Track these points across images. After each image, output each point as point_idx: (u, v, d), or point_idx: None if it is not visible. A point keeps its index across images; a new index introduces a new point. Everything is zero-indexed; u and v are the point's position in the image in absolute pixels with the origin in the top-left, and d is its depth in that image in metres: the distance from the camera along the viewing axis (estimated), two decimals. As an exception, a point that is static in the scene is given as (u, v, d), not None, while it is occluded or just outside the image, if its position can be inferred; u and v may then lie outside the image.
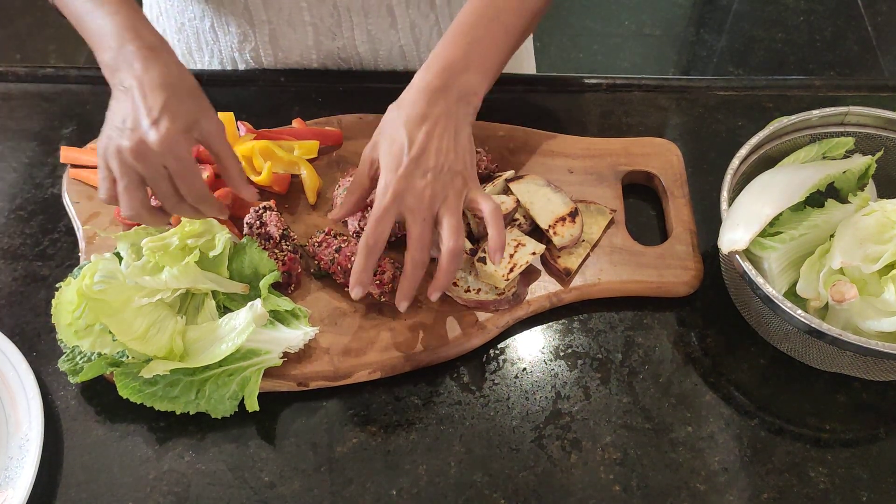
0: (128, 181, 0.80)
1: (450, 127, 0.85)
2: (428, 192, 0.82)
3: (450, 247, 0.82)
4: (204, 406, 0.83)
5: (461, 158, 0.85)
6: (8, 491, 0.78)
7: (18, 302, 0.93)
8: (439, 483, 0.81)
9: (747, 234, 0.82)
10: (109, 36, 0.83)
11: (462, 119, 0.87)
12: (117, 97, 0.83)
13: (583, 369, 0.89)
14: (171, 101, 0.80)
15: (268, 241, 0.89)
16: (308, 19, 1.07)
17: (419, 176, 0.83)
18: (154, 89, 0.80)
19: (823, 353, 0.83)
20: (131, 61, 0.82)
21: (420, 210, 0.82)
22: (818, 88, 1.13)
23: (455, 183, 0.84)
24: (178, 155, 0.79)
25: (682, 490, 0.81)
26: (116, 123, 0.81)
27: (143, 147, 0.78)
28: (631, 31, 2.68)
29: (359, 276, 0.84)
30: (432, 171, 0.83)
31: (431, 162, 0.83)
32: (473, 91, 0.88)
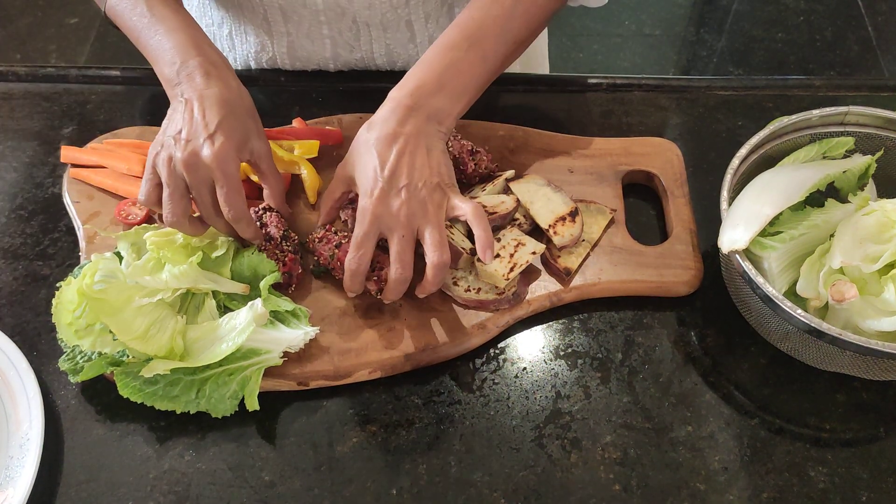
0: (174, 189, 0.83)
1: (420, 144, 0.86)
2: (404, 210, 0.83)
3: (434, 261, 0.83)
4: (204, 405, 0.83)
5: (436, 171, 0.86)
6: (8, 490, 0.78)
7: (19, 301, 0.93)
8: (439, 482, 0.81)
9: (747, 234, 0.82)
10: (172, 51, 0.87)
11: (433, 136, 0.87)
12: (176, 108, 0.85)
13: (583, 369, 0.89)
14: (229, 118, 0.84)
15: (269, 241, 0.89)
16: (326, 32, 1.08)
17: (394, 196, 0.84)
18: (213, 105, 0.83)
19: (823, 353, 0.83)
20: (194, 75, 0.85)
21: (398, 228, 0.83)
22: (818, 88, 1.13)
23: (434, 197, 0.85)
24: (227, 171, 0.82)
25: (682, 489, 0.81)
26: (172, 133, 0.84)
27: (195, 159, 0.82)
28: (631, 31, 2.68)
29: (351, 286, 0.87)
30: (406, 189, 0.84)
31: (404, 180, 0.84)
32: (445, 113, 0.89)
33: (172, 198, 0.83)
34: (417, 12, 1.07)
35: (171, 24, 0.89)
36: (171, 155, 0.83)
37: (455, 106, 0.90)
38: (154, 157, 0.85)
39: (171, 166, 0.83)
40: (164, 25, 0.89)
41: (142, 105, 1.12)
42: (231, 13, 1.10)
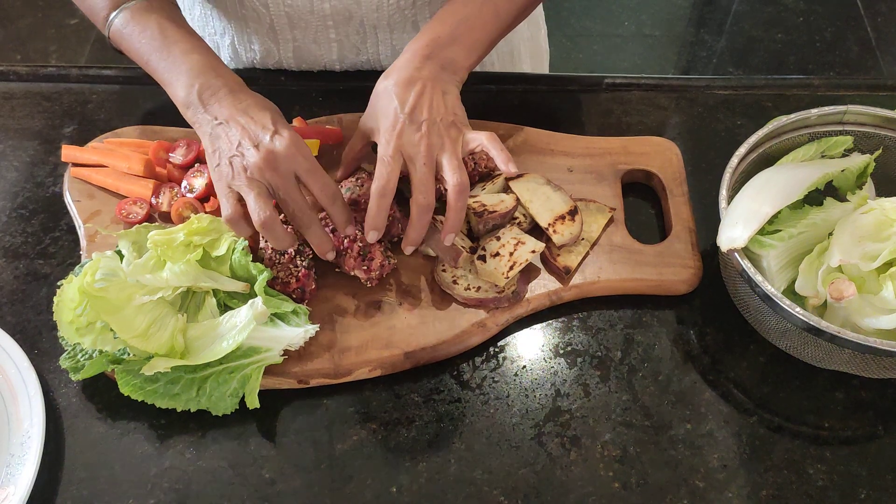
0: (258, 191, 0.82)
1: (437, 88, 0.90)
2: (425, 141, 0.87)
3: (454, 182, 0.86)
4: (205, 403, 0.83)
5: (451, 111, 0.90)
6: (9, 488, 0.78)
7: (20, 300, 0.94)
8: (439, 480, 0.82)
9: (746, 233, 0.82)
10: (189, 73, 0.87)
11: (448, 82, 0.91)
12: (217, 133, 0.85)
13: (582, 367, 0.89)
14: (277, 117, 0.86)
15: (282, 255, 0.89)
16: (334, 37, 1.08)
17: (415, 129, 0.87)
18: (258, 111, 0.85)
19: (822, 351, 0.84)
20: (220, 96, 0.86)
21: (419, 157, 0.86)
22: (817, 88, 1.13)
23: (450, 132, 0.89)
24: (306, 154, 0.84)
25: (682, 487, 0.81)
26: (230, 152, 0.83)
27: (271, 157, 0.82)
28: (631, 32, 2.69)
29: (373, 221, 0.87)
30: (426, 123, 0.87)
31: (424, 115, 0.88)
32: (459, 64, 0.93)
33: (260, 196, 0.82)
34: (423, 13, 1.07)
35: (185, 46, 0.89)
36: (244, 164, 0.82)
37: (468, 58, 0.93)
38: (223, 179, 0.84)
39: (247, 174, 0.82)
40: (178, 48, 0.89)
41: (142, 104, 1.12)
42: (234, 23, 1.10)
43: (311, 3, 1.03)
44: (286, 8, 1.03)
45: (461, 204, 0.87)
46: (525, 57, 1.26)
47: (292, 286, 0.88)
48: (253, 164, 0.82)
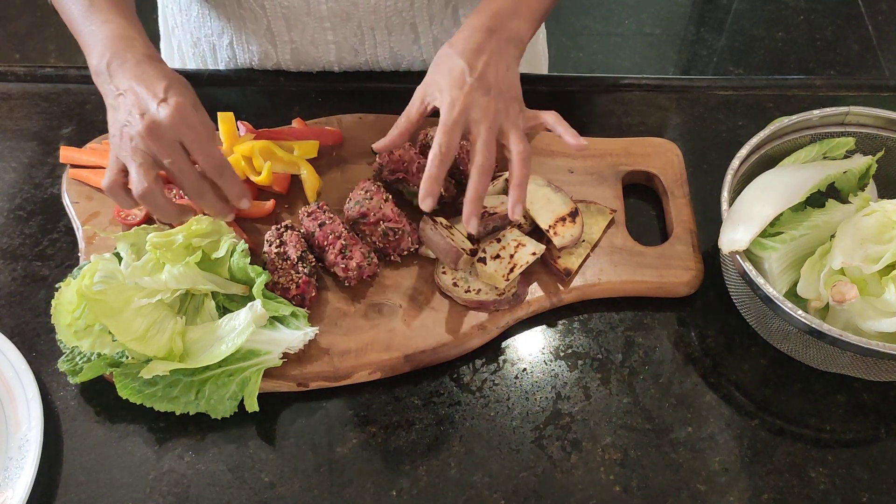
0: (141, 160, 0.80)
1: (502, 61, 0.89)
2: (492, 105, 0.86)
3: (520, 150, 0.86)
4: (204, 406, 0.82)
5: (514, 87, 0.90)
6: (7, 491, 0.78)
7: (18, 302, 0.93)
8: (439, 483, 0.81)
9: (748, 235, 0.82)
10: (102, 42, 0.85)
11: (511, 57, 0.91)
12: (115, 105, 0.83)
13: (583, 370, 0.88)
14: (174, 83, 0.82)
15: (285, 260, 0.89)
16: (331, 38, 1.08)
17: (483, 93, 0.86)
18: (154, 79, 0.82)
19: (824, 354, 0.83)
20: (126, 68, 0.83)
21: (486, 119, 0.86)
22: (819, 88, 1.13)
23: (514, 105, 0.89)
24: (192, 124, 0.80)
25: (683, 490, 0.81)
26: (122, 122, 0.82)
27: (154, 126, 0.79)
28: (631, 31, 2.68)
29: (429, 186, 0.85)
30: (494, 89, 0.87)
31: (492, 81, 0.87)
32: (520, 36, 0.92)
33: (142, 167, 0.80)
34: (422, 14, 1.07)
35: (106, 15, 0.87)
36: (131, 134, 0.81)
37: (529, 29, 0.93)
38: (115, 150, 0.83)
39: (133, 143, 0.80)
40: (99, 16, 0.87)
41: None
42: (232, 23, 1.09)
43: (308, 4, 1.02)
44: (283, 9, 1.03)
45: (525, 171, 0.86)
46: (525, 57, 1.25)
47: (292, 292, 0.87)
48: (137, 133, 0.80)
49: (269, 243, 0.91)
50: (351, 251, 0.90)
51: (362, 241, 0.93)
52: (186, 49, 1.19)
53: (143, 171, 0.80)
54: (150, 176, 0.80)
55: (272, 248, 0.90)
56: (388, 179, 0.98)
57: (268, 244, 0.91)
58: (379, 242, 0.92)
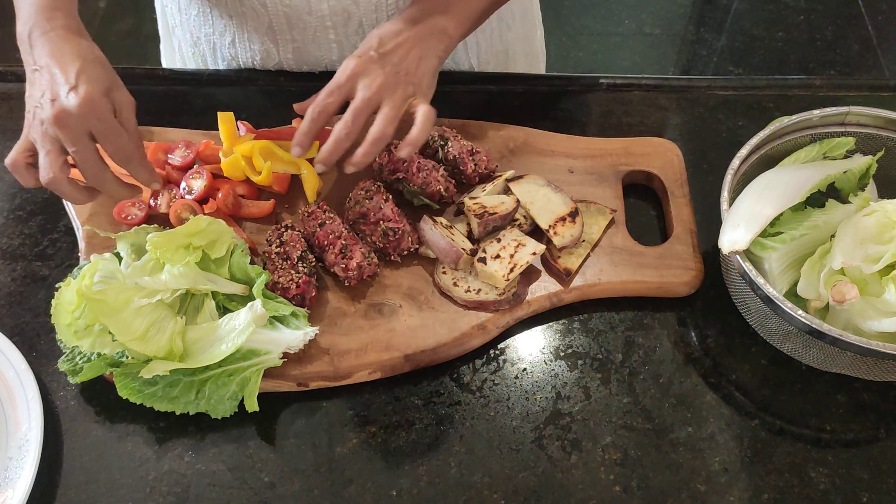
0: (49, 147, 0.81)
1: (417, 49, 0.90)
2: (380, 80, 0.87)
3: (376, 130, 0.86)
4: (204, 406, 0.82)
5: (419, 74, 0.90)
6: (7, 491, 0.78)
7: (18, 302, 0.93)
8: (439, 483, 0.81)
9: (748, 235, 0.82)
10: (27, 10, 0.86)
11: (431, 49, 0.91)
12: (32, 79, 0.84)
13: (583, 369, 0.88)
14: (87, 67, 0.82)
15: (285, 260, 0.89)
16: (333, 37, 1.08)
17: (379, 66, 0.88)
18: (68, 60, 0.82)
19: (824, 354, 0.83)
20: (46, 40, 0.84)
21: (366, 91, 0.87)
22: (819, 88, 1.13)
23: (407, 88, 0.88)
24: (101, 115, 0.81)
25: (683, 490, 0.81)
26: (35, 102, 0.83)
27: (63, 114, 0.80)
28: (631, 30, 2.68)
29: (299, 138, 0.89)
30: (392, 67, 0.88)
31: (395, 60, 0.88)
32: (448, 32, 0.93)
33: (49, 154, 0.81)
34: None
35: None
36: (41, 118, 0.81)
37: (459, 27, 0.94)
38: (27, 130, 0.84)
39: (42, 129, 0.81)
40: None
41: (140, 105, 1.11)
42: (234, 21, 1.09)
43: (309, 3, 1.02)
44: (284, 7, 1.03)
45: (373, 150, 0.86)
46: (519, 57, 1.25)
47: (292, 292, 0.87)
48: (47, 118, 0.81)
49: (270, 243, 0.91)
50: (351, 251, 0.90)
51: (362, 241, 0.93)
52: (186, 49, 1.19)
53: (50, 159, 0.81)
54: (57, 164, 0.81)
55: (272, 248, 0.90)
56: (388, 179, 0.98)
57: (268, 244, 0.91)
58: (379, 242, 0.92)
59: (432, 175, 0.96)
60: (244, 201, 0.98)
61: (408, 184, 0.96)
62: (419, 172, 0.96)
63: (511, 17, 1.19)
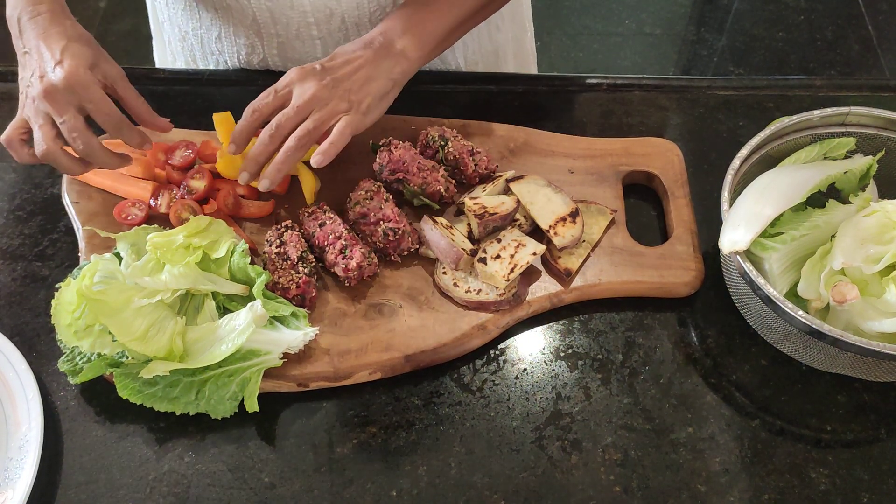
0: (41, 122, 0.86)
1: (367, 69, 0.91)
2: (314, 90, 0.89)
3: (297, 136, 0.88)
4: (204, 407, 0.82)
5: (360, 93, 0.90)
6: (7, 492, 0.78)
7: (18, 302, 0.93)
8: (439, 484, 0.81)
9: (748, 235, 0.82)
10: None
11: (383, 71, 0.92)
12: (23, 62, 0.88)
13: (583, 370, 0.88)
14: (71, 44, 0.87)
15: (285, 260, 0.89)
16: (316, 33, 1.07)
17: (318, 78, 0.90)
18: (54, 41, 0.87)
19: (824, 354, 0.83)
20: (35, 23, 0.88)
21: (298, 100, 0.89)
22: (819, 88, 1.13)
23: (339, 104, 0.89)
24: (84, 86, 0.85)
25: (683, 491, 0.81)
26: (27, 82, 0.87)
27: (51, 88, 0.84)
28: (631, 30, 2.68)
29: (234, 135, 0.92)
30: (332, 81, 0.90)
31: (338, 75, 0.90)
32: (407, 55, 0.94)
33: (42, 129, 0.85)
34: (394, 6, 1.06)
35: None
36: (32, 96, 0.85)
37: (419, 50, 0.95)
38: (20, 110, 0.87)
39: (34, 105, 0.85)
40: None
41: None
42: (220, 15, 1.09)
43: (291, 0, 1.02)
44: (267, 2, 1.03)
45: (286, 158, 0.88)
46: (509, 58, 1.25)
47: (292, 292, 0.87)
48: (37, 94, 0.85)
49: (270, 243, 0.91)
50: (351, 251, 0.90)
51: (362, 242, 0.93)
52: (175, 44, 1.18)
53: (42, 132, 0.85)
54: (50, 136, 0.86)
55: (272, 248, 0.90)
56: (388, 179, 0.98)
57: (268, 244, 0.91)
58: (379, 242, 0.92)
59: (432, 175, 0.96)
60: (244, 201, 0.98)
61: (408, 184, 0.96)
62: (419, 173, 0.96)
63: (500, 18, 1.19)
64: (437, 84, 1.13)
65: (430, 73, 1.16)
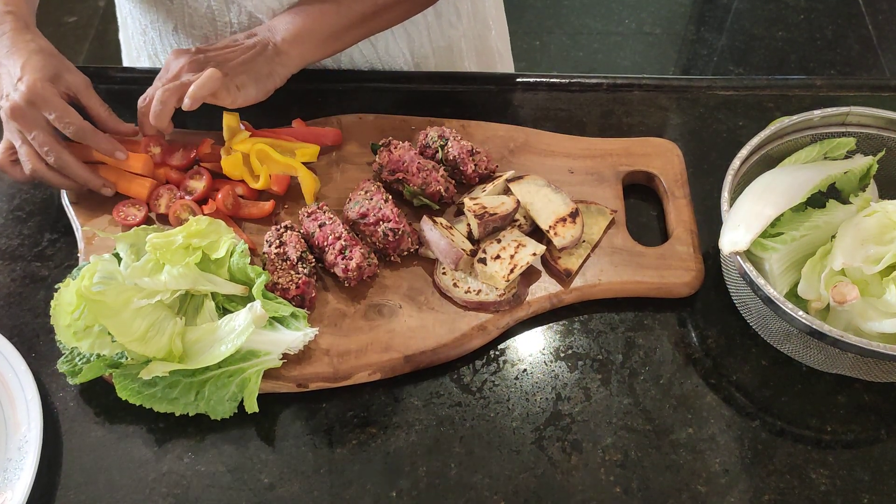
0: (20, 141, 0.89)
1: (246, 56, 0.95)
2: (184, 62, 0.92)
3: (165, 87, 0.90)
4: (203, 407, 0.82)
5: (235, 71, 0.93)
6: (7, 493, 0.78)
7: (17, 303, 0.93)
8: (439, 485, 0.81)
9: (748, 235, 0.82)
10: None
11: (261, 62, 0.95)
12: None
13: (583, 370, 0.88)
14: (31, 58, 0.89)
15: (285, 261, 0.89)
16: None
17: (191, 55, 0.93)
18: (15, 58, 0.89)
19: (825, 355, 0.83)
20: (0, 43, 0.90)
21: (166, 73, 0.93)
22: (819, 88, 1.13)
23: (208, 65, 0.92)
24: (47, 98, 0.87)
25: (683, 492, 0.81)
26: (1, 103, 0.89)
27: (15, 107, 0.87)
28: (631, 30, 2.68)
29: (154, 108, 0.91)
30: (204, 58, 0.93)
31: (210, 55, 0.94)
32: (285, 51, 0.97)
33: (23, 148, 0.89)
34: None
35: None
36: (4, 117, 0.89)
37: (297, 46, 0.98)
38: (5, 132, 0.90)
39: (7, 126, 0.89)
40: None
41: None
42: (176, 8, 1.08)
43: None
44: None
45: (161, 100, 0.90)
46: (469, 54, 1.23)
47: (292, 293, 0.87)
48: (4, 114, 0.87)
49: (269, 244, 0.91)
50: (351, 252, 0.89)
51: (362, 242, 0.92)
52: (137, 38, 1.18)
53: (24, 151, 0.89)
54: (32, 155, 0.89)
55: (272, 249, 0.90)
56: (388, 179, 0.98)
57: (267, 244, 0.91)
58: (379, 243, 0.92)
59: (432, 175, 0.96)
60: (244, 202, 0.98)
61: (408, 184, 0.96)
62: (419, 173, 0.96)
63: (454, 13, 1.17)
64: (437, 84, 1.13)
65: (429, 73, 1.16)
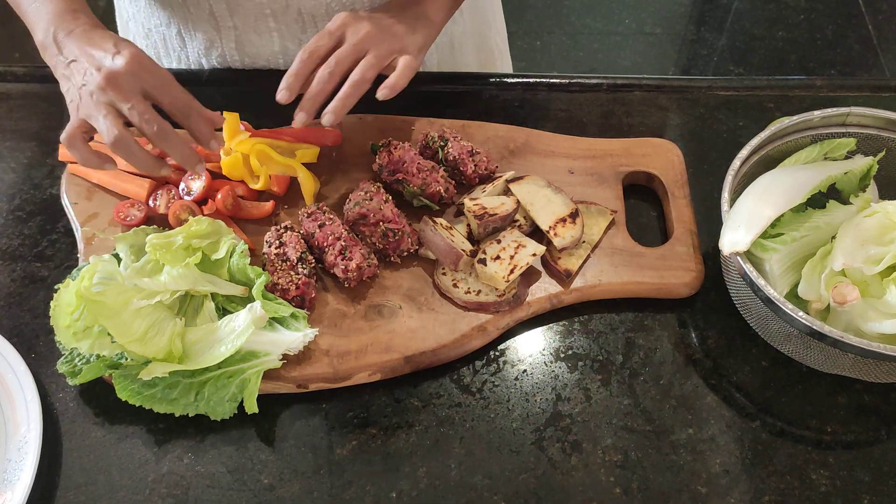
0: (105, 112, 0.82)
1: (407, 24, 0.94)
2: (367, 30, 0.91)
3: (355, 74, 0.90)
4: (203, 408, 0.82)
5: (405, 40, 0.93)
6: (7, 493, 0.77)
7: (17, 303, 0.93)
8: (439, 485, 0.81)
9: (748, 236, 0.82)
10: (46, 18, 0.88)
11: (420, 29, 0.95)
12: (68, 73, 0.85)
13: (583, 371, 0.88)
14: (123, 40, 0.85)
15: (284, 261, 0.89)
16: (273, 25, 1.07)
17: (368, 21, 0.92)
18: (102, 41, 0.85)
19: (825, 355, 0.83)
20: (74, 37, 0.86)
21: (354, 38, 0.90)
22: (820, 88, 1.13)
23: (392, 44, 0.92)
24: (149, 68, 0.83)
25: (683, 492, 0.80)
26: (80, 83, 0.84)
27: (112, 75, 0.82)
28: (631, 30, 2.68)
29: (287, 80, 0.90)
30: (380, 24, 0.92)
31: (384, 23, 0.93)
32: (429, 17, 0.97)
33: (107, 118, 0.82)
34: (363, 3, 1.06)
35: None
36: (90, 90, 0.82)
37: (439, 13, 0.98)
38: (76, 112, 0.84)
39: (95, 99, 0.82)
40: None
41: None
42: (178, 11, 1.08)
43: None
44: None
45: (350, 92, 0.89)
46: (469, 51, 1.24)
47: (292, 293, 0.87)
48: (96, 86, 0.82)
49: (269, 244, 0.91)
50: (351, 252, 0.89)
51: (362, 242, 0.92)
52: (140, 41, 1.17)
53: (109, 121, 0.82)
54: (118, 124, 0.82)
55: (272, 249, 0.90)
56: (388, 180, 0.97)
57: (267, 245, 0.91)
58: (379, 243, 0.92)
59: (432, 176, 0.96)
60: (243, 202, 0.98)
61: (408, 184, 0.96)
62: (419, 173, 0.95)
63: (457, 11, 1.17)
64: (437, 84, 1.13)
65: (429, 73, 1.16)
